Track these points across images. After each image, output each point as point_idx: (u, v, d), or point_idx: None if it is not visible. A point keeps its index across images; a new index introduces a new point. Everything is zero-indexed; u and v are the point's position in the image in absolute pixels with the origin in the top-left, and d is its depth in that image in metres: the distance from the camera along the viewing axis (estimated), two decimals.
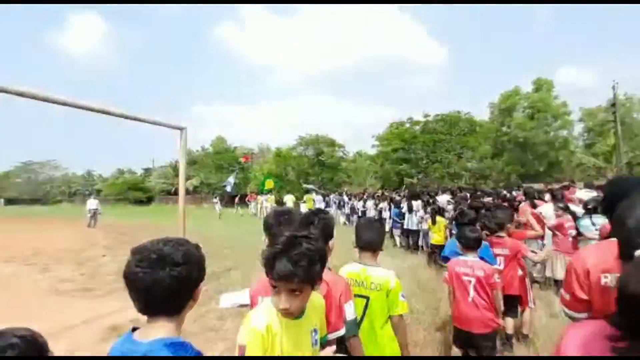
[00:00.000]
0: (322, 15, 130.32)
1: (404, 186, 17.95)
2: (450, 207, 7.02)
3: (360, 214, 14.23)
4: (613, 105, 22.16)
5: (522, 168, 29.25)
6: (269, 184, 20.30)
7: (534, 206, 5.49)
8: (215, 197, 21.03)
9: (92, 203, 15.55)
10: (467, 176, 24.18)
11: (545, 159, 28.72)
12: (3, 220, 21.39)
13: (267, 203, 20.07)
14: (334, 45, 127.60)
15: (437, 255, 6.04)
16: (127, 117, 4.27)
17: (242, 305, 4.51)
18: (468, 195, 8.12)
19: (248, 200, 23.17)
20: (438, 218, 5.94)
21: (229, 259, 7.79)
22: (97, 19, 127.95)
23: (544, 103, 27.82)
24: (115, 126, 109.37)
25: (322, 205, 18.47)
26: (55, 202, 53.20)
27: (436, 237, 5.96)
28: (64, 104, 3.67)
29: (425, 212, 8.27)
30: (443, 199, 8.59)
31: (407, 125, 24.80)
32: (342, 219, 15.47)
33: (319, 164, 27.87)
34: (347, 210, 15.38)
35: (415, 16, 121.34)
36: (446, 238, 6.01)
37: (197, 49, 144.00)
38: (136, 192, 43.81)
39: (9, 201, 52.43)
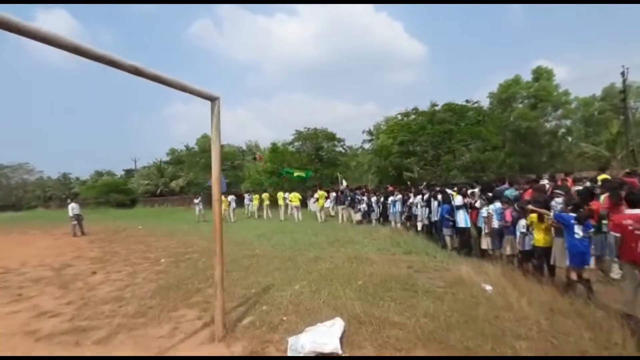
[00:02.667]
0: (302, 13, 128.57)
1: (428, 183, 16.62)
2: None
3: (379, 210, 12.94)
4: (622, 92, 21.58)
5: (523, 159, 28.67)
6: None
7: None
8: (198, 198, 18.84)
9: (73, 207, 13.58)
10: (472, 169, 23.23)
11: (547, 149, 28.24)
12: None
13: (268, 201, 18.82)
14: (314, 43, 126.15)
15: (542, 261, 4.79)
16: (160, 80, 3.10)
17: (324, 355, 3.02)
18: (547, 185, 6.90)
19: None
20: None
21: (257, 272, 6.28)
22: (67, 16, 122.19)
23: (545, 92, 27.18)
24: (92, 126, 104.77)
25: (328, 203, 17.13)
26: (29, 207, 49.84)
27: (541, 239, 4.69)
28: (95, 56, 2.32)
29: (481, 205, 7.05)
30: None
31: (413, 116, 23.55)
32: (357, 217, 14.09)
33: (317, 159, 26.40)
34: (362, 207, 13.95)
35: (393, 14, 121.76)
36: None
37: (174, 48, 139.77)
38: (118, 194, 41.20)
39: None
